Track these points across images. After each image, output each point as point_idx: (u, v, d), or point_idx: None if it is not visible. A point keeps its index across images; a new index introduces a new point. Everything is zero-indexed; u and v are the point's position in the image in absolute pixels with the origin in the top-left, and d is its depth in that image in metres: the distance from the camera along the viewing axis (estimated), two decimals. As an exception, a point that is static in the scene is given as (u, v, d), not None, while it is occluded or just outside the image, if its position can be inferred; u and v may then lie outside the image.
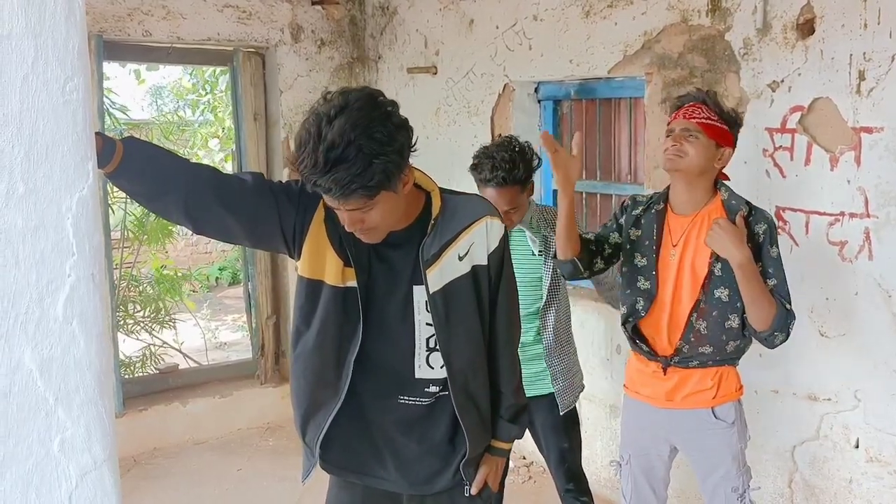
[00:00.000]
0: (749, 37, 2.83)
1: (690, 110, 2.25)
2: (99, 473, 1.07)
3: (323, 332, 1.75)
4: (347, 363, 1.75)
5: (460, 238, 1.74)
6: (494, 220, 1.79)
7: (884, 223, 2.54)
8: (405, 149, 1.60)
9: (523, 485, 3.84)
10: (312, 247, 1.73)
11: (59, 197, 1.02)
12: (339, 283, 1.72)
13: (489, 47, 3.96)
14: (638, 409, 2.47)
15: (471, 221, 1.75)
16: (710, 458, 2.38)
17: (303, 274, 1.76)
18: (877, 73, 2.49)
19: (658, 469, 2.51)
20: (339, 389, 1.76)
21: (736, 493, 2.35)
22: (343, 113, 1.51)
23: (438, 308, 1.72)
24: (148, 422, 4.36)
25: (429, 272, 1.71)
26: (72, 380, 1.03)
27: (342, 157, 1.49)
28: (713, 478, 2.38)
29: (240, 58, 4.55)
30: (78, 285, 1.03)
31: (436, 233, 1.72)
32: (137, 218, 5.46)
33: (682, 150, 2.21)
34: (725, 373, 2.35)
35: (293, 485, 3.82)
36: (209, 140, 8.55)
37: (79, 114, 1.03)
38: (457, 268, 1.74)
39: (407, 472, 1.83)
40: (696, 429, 2.37)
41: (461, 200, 1.81)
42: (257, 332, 4.79)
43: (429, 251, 1.71)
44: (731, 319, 2.27)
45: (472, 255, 1.76)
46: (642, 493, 2.52)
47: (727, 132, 2.25)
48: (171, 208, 1.67)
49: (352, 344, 1.74)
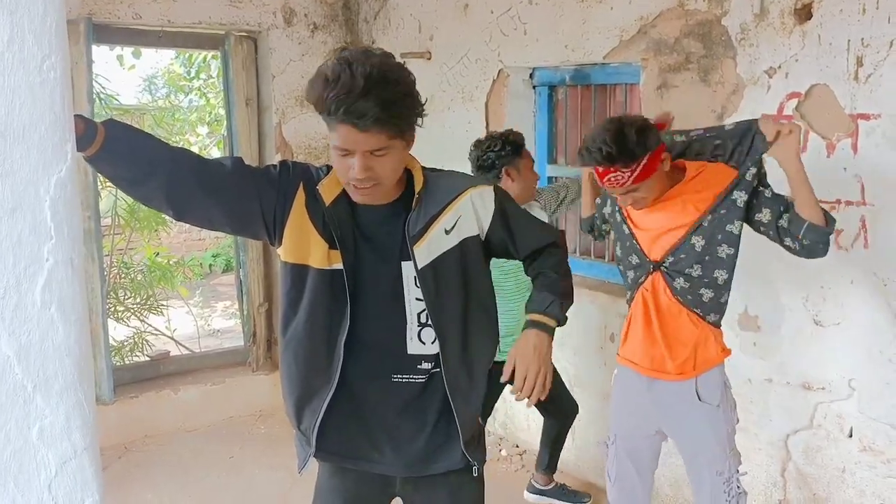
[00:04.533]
0: (746, 22, 2.80)
1: (612, 181, 2.26)
2: (79, 462, 1.04)
3: (311, 317, 1.73)
4: (338, 347, 1.73)
5: (445, 212, 1.74)
6: (479, 189, 1.79)
7: (880, 211, 2.52)
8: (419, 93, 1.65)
9: (516, 473, 3.84)
10: (295, 231, 1.72)
11: (37, 178, 0.99)
12: (325, 266, 1.71)
13: (484, 32, 3.92)
14: (626, 384, 2.49)
15: (454, 195, 1.75)
16: (695, 441, 2.39)
17: (287, 259, 1.74)
18: (875, 59, 2.47)
19: (644, 452, 2.52)
20: (332, 375, 1.75)
21: (721, 476, 2.34)
22: (374, 56, 1.58)
23: (428, 283, 1.72)
24: (139, 409, 4.34)
25: (416, 247, 1.71)
26: (50, 366, 1.01)
27: (382, 80, 1.53)
28: (698, 461, 2.39)
29: (231, 42, 4.49)
30: (56, 270, 1.01)
31: (420, 208, 1.72)
32: (129, 204, 5.42)
33: (637, 203, 2.33)
34: (703, 338, 2.37)
35: (285, 472, 3.82)
36: (198, 126, 8.50)
37: (56, 93, 1.00)
38: (444, 242, 1.74)
39: (402, 454, 1.82)
40: (680, 410, 2.38)
41: (443, 176, 1.82)
42: (249, 319, 4.77)
43: (415, 226, 1.71)
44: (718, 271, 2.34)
45: (459, 228, 1.75)
46: (626, 475, 2.54)
47: (651, 161, 2.23)
48: (153, 194, 1.64)
49: (341, 327, 1.72)
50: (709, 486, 2.37)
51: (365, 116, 1.53)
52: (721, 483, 2.34)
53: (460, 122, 4.15)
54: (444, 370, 1.76)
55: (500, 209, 1.80)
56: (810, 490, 2.83)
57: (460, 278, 1.76)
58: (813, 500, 2.83)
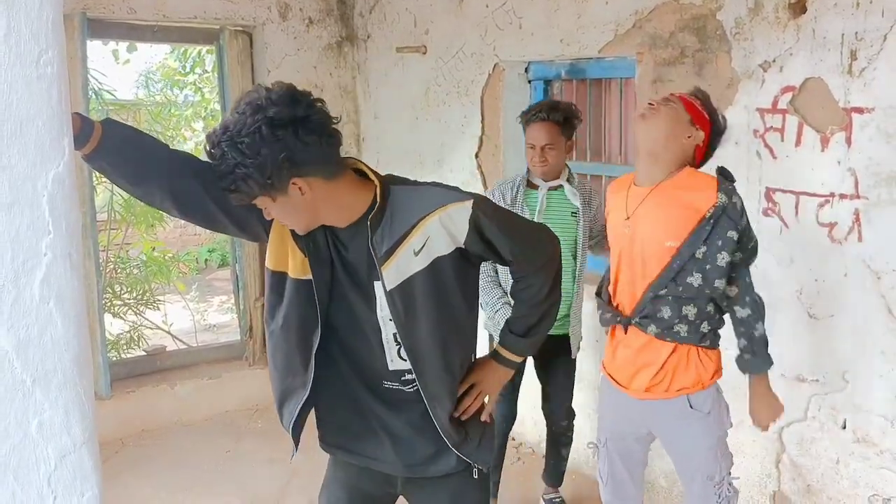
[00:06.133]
0: (741, 16, 2.81)
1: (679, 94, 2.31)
2: (78, 455, 1.05)
3: (286, 322, 1.74)
4: (311, 355, 1.75)
5: (413, 234, 1.65)
6: (452, 208, 1.66)
7: (874, 204, 2.53)
8: (274, 162, 1.50)
9: (512, 466, 3.85)
10: (276, 238, 1.72)
11: (35, 173, 0.99)
12: (300, 276, 1.71)
13: (479, 26, 3.92)
14: (612, 391, 2.44)
15: (422, 215, 1.65)
16: (685, 447, 2.37)
17: (268, 265, 1.75)
18: (869, 52, 2.48)
19: (636, 453, 2.51)
20: (307, 379, 1.77)
21: (712, 481, 2.33)
22: (234, 112, 1.55)
23: (397, 305, 1.68)
24: (136, 403, 4.34)
25: (384, 269, 1.66)
26: (49, 361, 1.02)
27: (213, 155, 1.54)
28: (689, 466, 2.38)
29: (226, 36, 4.48)
30: (55, 264, 1.01)
31: (384, 228, 1.66)
32: (126, 200, 5.41)
33: (657, 108, 2.27)
34: (692, 353, 2.29)
35: (282, 466, 3.83)
36: (193, 121, 8.47)
37: (54, 88, 1.00)
38: (413, 263, 1.66)
39: (402, 454, 1.82)
40: (669, 417, 2.35)
41: (413, 192, 1.71)
42: (245, 314, 4.77)
43: (380, 248, 1.65)
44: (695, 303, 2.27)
45: (429, 248, 1.66)
46: (618, 477, 2.53)
47: (706, 119, 2.28)
48: (156, 193, 1.65)
49: (314, 335, 1.73)
50: (699, 489, 2.36)
51: (225, 189, 1.57)
52: (712, 487, 2.33)
53: (456, 117, 4.15)
54: (420, 386, 1.74)
55: (475, 227, 1.68)
56: (804, 481, 2.85)
57: (432, 300, 1.69)
58: (807, 492, 2.84)
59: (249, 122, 1.49)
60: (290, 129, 1.50)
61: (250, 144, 1.49)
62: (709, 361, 2.32)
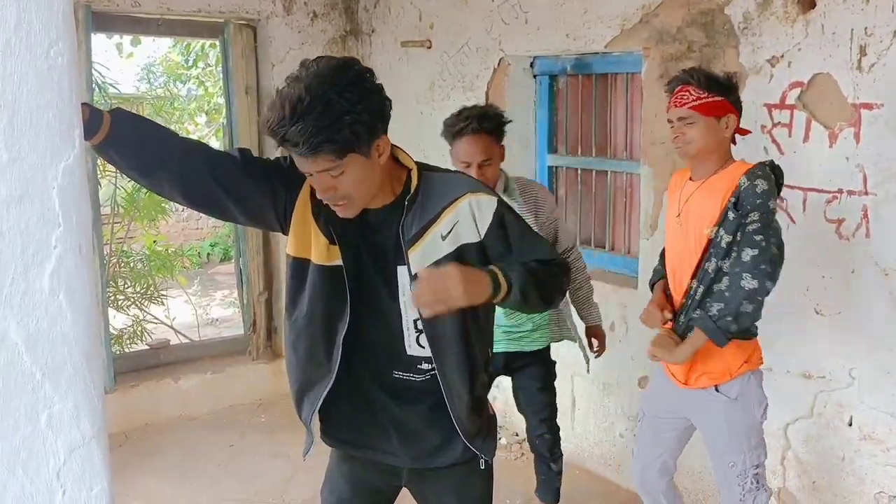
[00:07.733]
0: (749, 11, 2.79)
1: (680, 96, 2.29)
2: (87, 449, 1.05)
3: (311, 311, 1.73)
4: (337, 343, 1.73)
5: (442, 217, 1.67)
6: (479, 196, 1.70)
7: (882, 201, 2.52)
8: (378, 113, 1.56)
9: (515, 461, 3.85)
10: (298, 224, 1.71)
11: (45, 166, 0.98)
12: (325, 262, 1.69)
13: (484, 21, 3.91)
14: (661, 378, 2.53)
15: (452, 199, 1.68)
16: (711, 433, 2.42)
17: (289, 252, 1.74)
18: (878, 48, 2.46)
19: (665, 436, 2.55)
20: (331, 368, 1.75)
21: (734, 469, 2.34)
22: (314, 74, 1.51)
23: None
24: (139, 398, 4.34)
25: (411, 252, 1.66)
26: (59, 354, 1.01)
27: (308, 109, 1.47)
28: (714, 451, 2.42)
29: (230, 30, 4.47)
30: (65, 257, 1.00)
31: (415, 212, 1.67)
32: (129, 193, 5.40)
33: (685, 139, 2.29)
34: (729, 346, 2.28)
35: (286, 461, 3.83)
36: (196, 115, 8.45)
37: (64, 80, 0.99)
38: (440, 248, 1.68)
39: (409, 446, 1.82)
40: (699, 399, 2.40)
41: (443, 178, 1.74)
42: (249, 308, 4.76)
43: (409, 231, 1.67)
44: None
45: (456, 233, 1.68)
46: (646, 453, 2.59)
47: (722, 102, 2.27)
48: (166, 184, 1.64)
49: (340, 323, 1.71)
50: (722, 476, 2.39)
51: (299, 145, 1.49)
52: (734, 476, 2.34)
53: (461, 111, 4.13)
54: (439, 374, 1.74)
55: (499, 222, 1.71)
56: (810, 478, 2.84)
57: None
58: (812, 488, 2.84)
59: (345, 77, 1.51)
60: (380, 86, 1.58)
61: (359, 91, 1.51)
62: (738, 351, 2.32)
